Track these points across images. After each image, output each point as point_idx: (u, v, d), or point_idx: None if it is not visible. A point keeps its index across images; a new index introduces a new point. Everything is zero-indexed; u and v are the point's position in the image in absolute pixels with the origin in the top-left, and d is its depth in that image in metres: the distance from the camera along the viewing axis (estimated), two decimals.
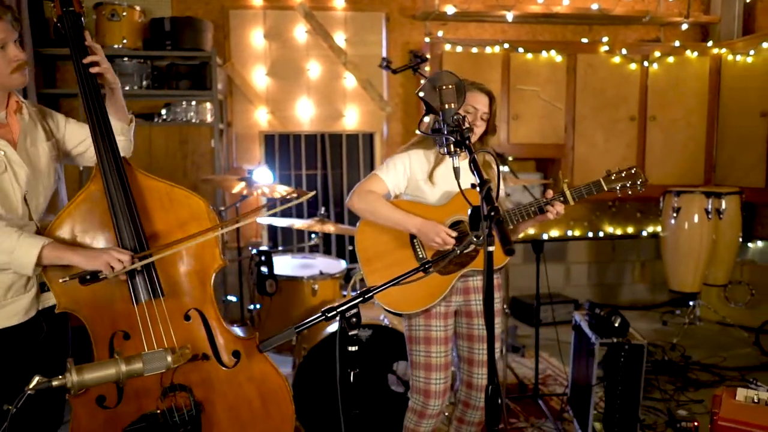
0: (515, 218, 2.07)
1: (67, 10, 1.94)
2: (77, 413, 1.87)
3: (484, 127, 2.19)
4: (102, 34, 4.34)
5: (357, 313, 1.40)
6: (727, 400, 1.67)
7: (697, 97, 5.03)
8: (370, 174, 2.17)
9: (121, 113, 2.06)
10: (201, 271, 1.99)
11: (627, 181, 2.23)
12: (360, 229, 2.15)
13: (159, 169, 4.44)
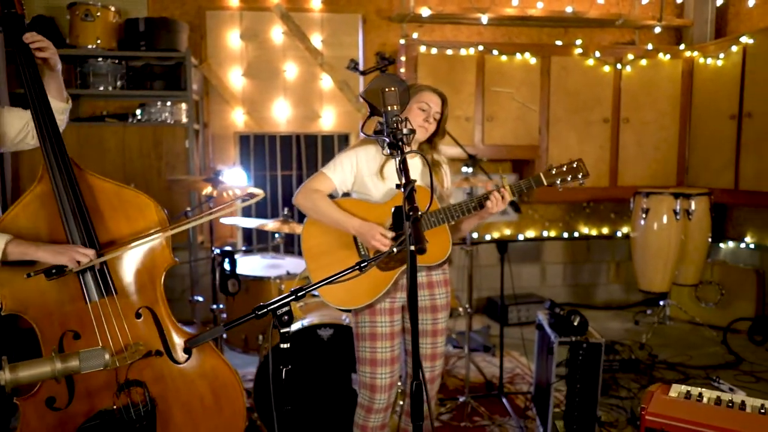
0: (455, 214, 2.10)
1: (9, 12, 1.94)
2: (26, 416, 1.89)
3: (435, 127, 2.21)
4: (76, 34, 4.36)
5: (289, 311, 1.42)
6: (658, 396, 1.71)
7: (670, 100, 5.09)
8: (317, 172, 2.20)
9: (60, 93, 2.08)
10: (151, 269, 2.01)
11: (568, 175, 2.23)
12: (306, 228, 2.17)
13: (133, 170, 4.46)
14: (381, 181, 2.13)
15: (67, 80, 4.56)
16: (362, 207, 2.14)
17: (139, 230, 1.99)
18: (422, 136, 2.19)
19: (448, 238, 2.12)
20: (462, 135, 4.82)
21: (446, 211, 2.08)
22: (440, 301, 2.24)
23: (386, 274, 2.08)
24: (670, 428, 1.56)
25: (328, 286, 2.06)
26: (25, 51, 1.94)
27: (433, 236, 2.09)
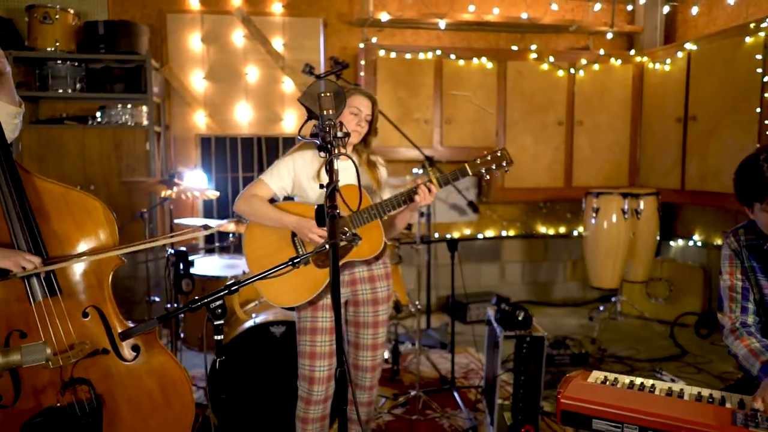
0: (386, 209, 2.18)
1: None
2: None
3: (368, 128, 2.31)
4: (34, 36, 4.36)
5: (222, 304, 1.50)
6: (575, 381, 1.82)
7: (621, 103, 5.28)
8: (256, 179, 2.29)
9: (11, 97, 2.09)
10: (98, 270, 2.07)
11: (492, 164, 2.28)
12: (248, 231, 2.25)
13: (92, 172, 4.48)
14: (318, 184, 2.22)
15: (27, 82, 4.60)
16: (300, 207, 2.22)
17: (87, 232, 2.04)
18: (356, 139, 2.28)
19: (381, 233, 2.21)
20: (421, 137, 4.95)
21: (377, 207, 2.17)
22: (381, 294, 2.33)
23: (324, 272, 2.17)
24: (582, 410, 1.67)
25: (273, 287, 2.16)
26: None
27: (366, 232, 2.18)
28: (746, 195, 1.87)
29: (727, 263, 2.05)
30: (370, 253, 2.20)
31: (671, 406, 1.65)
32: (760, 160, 1.80)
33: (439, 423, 3.19)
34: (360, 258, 2.21)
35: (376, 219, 2.19)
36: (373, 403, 2.46)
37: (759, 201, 1.82)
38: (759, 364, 1.85)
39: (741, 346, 1.94)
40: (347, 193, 2.17)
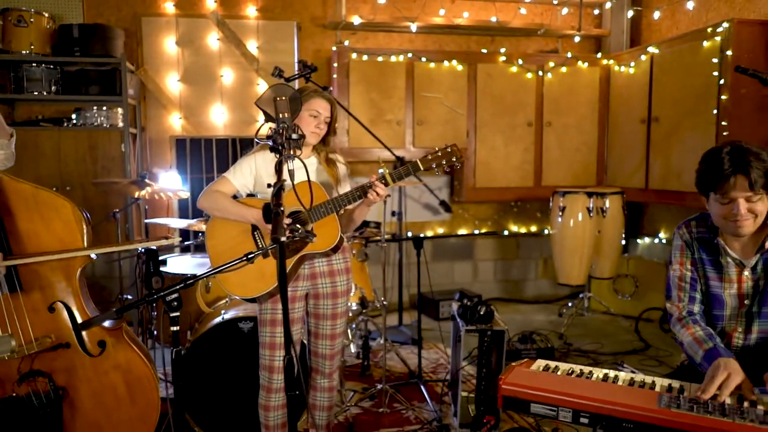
0: (342, 204, 2.27)
1: None
2: None
3: (326, 129, 2.40)
4: (9, 39, 4.41)
5: (178, 297, 1.59)
6: (518, 369, 1.93)
7: (589, 105, 5.42)
8: (220, 176, 2.37)
9: (1, 130, 2.17)
10: (66, 266, 2.15)
11: (443, 160, 2.35)
12: (209, 227, 2.34)
13: (68, 174, 4.53)
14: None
15: (2, 85, 4.64)
16: (261, 203, 2.31)
17: (55, 230, 2.12)
18: (315, 140, 2.38)
19: (337, 227, 2.30)
20: (393, 138, 5.05)
21: (333, 202, 2.26)
22: (340, 288, 2.43)
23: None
24: (521, 395, 1.78)
25: (235, 279, 2.25)
26: None
27: (323, 226, 2.27)
28: (704, 184, 1.97)
29: (678, 253, 2.16)
30: (327, 245, 2.29)
31: (604, 390, 1.76)
32: (722, 152, 1.91)
33: (405, 415, 3.29)
34: (317, 250, 2.30)
35: (332, 213, 2.28)
36: (334, 389, 2.57)
37: (713, 191, 1.94)
38: (702, 352, 1.96)
39: (687, 334, 2.06)
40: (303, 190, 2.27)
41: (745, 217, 1.89)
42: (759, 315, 2.01)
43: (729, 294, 2.06)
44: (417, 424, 3.18)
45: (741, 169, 1.86)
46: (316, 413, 2.61)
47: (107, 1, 4.88)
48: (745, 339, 2.04)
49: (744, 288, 2.03)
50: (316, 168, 2.41)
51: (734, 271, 2.04)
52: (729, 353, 1.92)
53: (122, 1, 4.91)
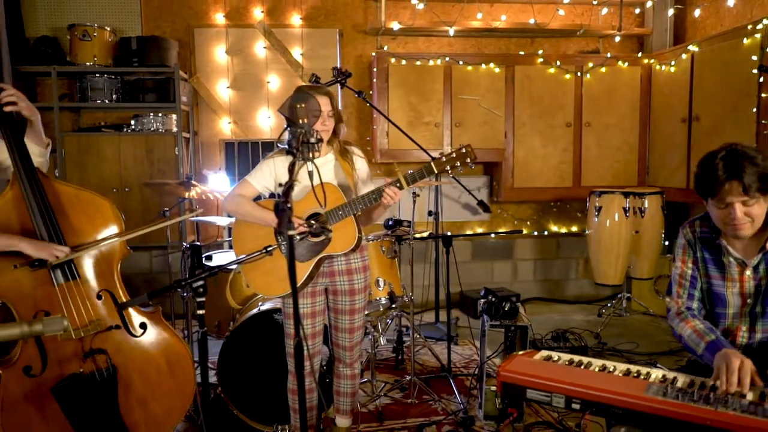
0: (358, 206, 2.42)
1: None
2: (7, 383, 2.26)
3: (333, 120, 2.53)
4: (75, 52, 4.80)
5: (203, 285, 1.80)
6: (519, 358, 2.04)
7: (630, 104, 5.39)
8: (242, 180, 2.57)
9: (39, 139, 2.43)
10: (108, 259, 2.40)
11: (456, 162, 2.43)
12: (235, 229, 2.54)
13: (127, 176, 4.89)
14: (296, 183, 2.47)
15: (69, 94, 5.06)
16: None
17: (97, 225, 2.38)
18: (326, 137, 2.51)
19: (354, 229, 2.45)
20: (432, 140, 5.19)
21: (350, 206, 2.41)
22: (357, 286, 2.58)
23: (303, 264, 2.43)
24: (519, 381, 1.89)
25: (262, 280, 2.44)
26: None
27: (341, 228, 2.43)
28: (702, 190, 2.04)
29: (680, 252, 2.22)
30: (346, 247, 2.44)
31: (598, 379, 1.86)
32: (717, 158, 1.96)
33: (433, 407, 3.43)
34: (335, 252, 2.46)
35: (349, 216, 2.44)
36: (356, 377, 2.73)
37: (711, 196, 2.00)
38: (704, 344, 2.02)
39: (686, 327, 2.12)
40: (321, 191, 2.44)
41: (742, 221, 1.93)
42: (763, 314, 2.05)
43: (732, 293, 2.10)
44: (443, 415, 3.31)
45: (735, 174, 1.89)
46: (341, 399, 2.79)
47: (163, 15, 5.23)
48: (750, 338, 2.08)
49: (746, 287, 2.07)
50: (333, 165, 2.55)
51: (736, 271, 2.08)
52: (730, 345, 1.98)
53: (176, 14, 5.25)
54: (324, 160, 2.53)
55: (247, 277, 2.55)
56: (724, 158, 1.94)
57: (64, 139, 4.82)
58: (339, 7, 5.43)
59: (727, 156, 1.94)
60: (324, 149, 2.56)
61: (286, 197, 1.69)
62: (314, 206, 2.40)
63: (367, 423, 3.24)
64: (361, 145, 5.51)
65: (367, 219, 2.61)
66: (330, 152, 2.58)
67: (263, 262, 2.40)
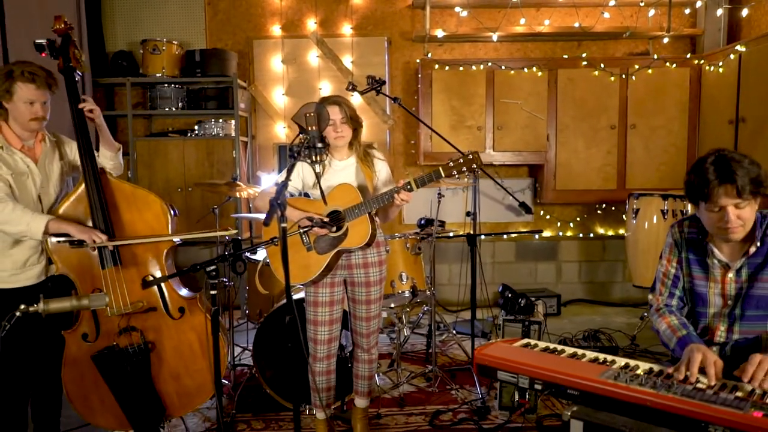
0: (372, 206, 2.64)
1: (67, 66, 2.73)
2: (69, 345, 2.71)
3: (350, 127, 2.75)
4: (146, 65, 5.32)
5: (216, 268, 2.09)
6: (499, 344, 2.20)
7: (678, 106, 5.33)
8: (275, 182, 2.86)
9: (110, 144, 2.84)
10: (155, 249, 2.77)
11: (463, 166, 2.60)
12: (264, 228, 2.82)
13: (190, 176, 5.35)
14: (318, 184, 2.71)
15: (142, 102, 5.60)
16: (306, 203, 2.77)
17: (147, 221, 2.74)
18: (342, 143, 2.75)
19: (368, 226, 2.68)
20: (474, 143, 5.35)
21: (365, 205, 2.65)
22: (373, 278, 2.81)
23: (321, 257, 2.70)
24: (491, 363, 2.05)
25: None
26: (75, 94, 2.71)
27: (356, 225, 2.67)
28: (693, 195, 2.11)
29: (667, 250, 2.31)
30: (360, 242, 2.68)
31: (563, 364, 2.01)
32: (707, 162, 2.05)
33: (453, 396, 3.61)
34: (351, 246, 2.71)
35: (364, 214, 2.67)
36: (373, 362, 2.97)
37: (703, 201, 2.08)
38: (676, 339, 2.13)
39: (663, 322, 2.22)
40: (341, 191, 2.71)
41: (735, 224, 2.00)
42: (741, 317, 2.11)
43: (714, 293, 2.17)
44: (461, 404, 3.48)
45: (727, 178, 1.96)
46: (359, 381, 3.03)
47: (225, 28, 5.68)
48: (727, 338, 2.15)
49: (728, 289, 2.13)
50: (354, 168, 2.80)
51: (719, 273, 2.15)
52: (701, 341, 2.07)
53: (237, 27, 5.69)
54: (345, 163, 2.80)
55: (273, 266, 2.84)
56: (715, 163, 2.00)
57: (136, 143, 5.35)
58: (387, 16, 5.70)
59: (717, 161, 2.00)
60: (345, 153, 2.82)
61: (279, 195, 1.95)
62: (334, 204, 2.66)
63: (388, 407, 3.47)
64: (406, 148, 5.79)
65: (384, 216, 2.84)
66: (352, 156, 2.82)
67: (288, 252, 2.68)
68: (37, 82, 2.54)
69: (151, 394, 2.77)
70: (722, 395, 1.72)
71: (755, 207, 2.05)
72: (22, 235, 2.55)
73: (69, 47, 2.73)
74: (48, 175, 2.74)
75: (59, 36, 2.73)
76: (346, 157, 2.81)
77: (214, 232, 2.73)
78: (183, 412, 2.92)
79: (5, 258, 2.59)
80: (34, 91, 2.54)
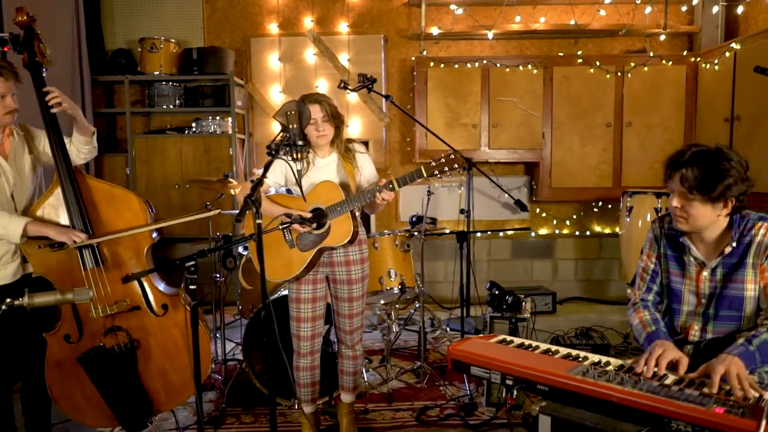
0: (354, 204, 2.65)
1: (33, 61, 2.65)
2: (51, 346, 2.73)
3: (332, 125, 2.74)
4: (144, 63, 5.37)
5: (195, 264, 2.12)
6: (474, 340, 2.21)
7: (675, 103, 5.32)
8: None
9: (84, 130, 2.81)
10: (135, 247, 2.78)
11: (445, 167, 2.61)
12: (247, 220, 2.84)
13: (188, 173, 5.39)
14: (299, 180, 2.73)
15: (141, 100, 5.64)
16: (288, 199, 2.80)
17: (126, 218, 2.75)
18: (324, 141, 2.75)
19: (350, 224, 2.69)
20: (469, 140, 5.37)
21: (347, 203, 2.66)
22: (355, 276, 2.82)
23: (303, 254, 2.72)
24: (465, 359, 2.06)
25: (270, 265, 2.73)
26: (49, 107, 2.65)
27: (339, 224, 2.69)
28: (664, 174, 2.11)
29: (647, 246, 2.32)
30: (341, 240, 2.69)
31: (535, 360, 2.02)
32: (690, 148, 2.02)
33: (442, 392, 3.63)
34: (333, 244, 2.72)
35: (346, 212, 2.69)
36: (357, 358, 2.99)
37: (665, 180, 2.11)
38: (645, 334, 2.14)
39: (636, 317, 2.24)
40: (323, 188, 2.73)
41: (677, 211, 2.03)
42: (715, 317, 2.11)
43: (688, 291, 2.18)
44: (449, 400, 3.51)
45: (683, 166, 2.00)
46: (344, 377, 3.06)
47: (222, 27, 5.72)
48: (701, 336, 2.16)
49: (701, 287, 2.14)
50: (336, 165, 2.82)
51: (694, 270, 2.15)
52: (668, 337, 2.08)
53: (235, 25, 5.72)
54: (327, 160, 2.81)
55: (255, 262, 2.87)
56: (693, 150, 2.01)
57: (134, 140, 5.40)
58: (384, 14, 5.71)
59: (697, 150, 2.01)
60: (327, 150, 2.83)
61: (253, 191, 1.98)
62: (317, 202, 2.68)
63: (377, 403, 3.50)
64: (402, 146, 5.81)
65: (371, 209, 2.83)
66: (333, 153, 2.83)
67: (270, 249, 2.72)
68: (5, 75, 2.50)
69: (139, 391, 2.80)
70: (687, 391, 1.73)
71: (711, 210, 2.01)
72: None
73: (33, 41, 2.64)
74: (20, 171, 2.70)
75: (22, 29, 2.63)
76: (328, 154, 2.82)
77: (194, 215, 2.73)
78: (170, 407, 2.95)
79: None
80: (3, 83, 2.51)
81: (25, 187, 2.74)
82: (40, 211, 2.72)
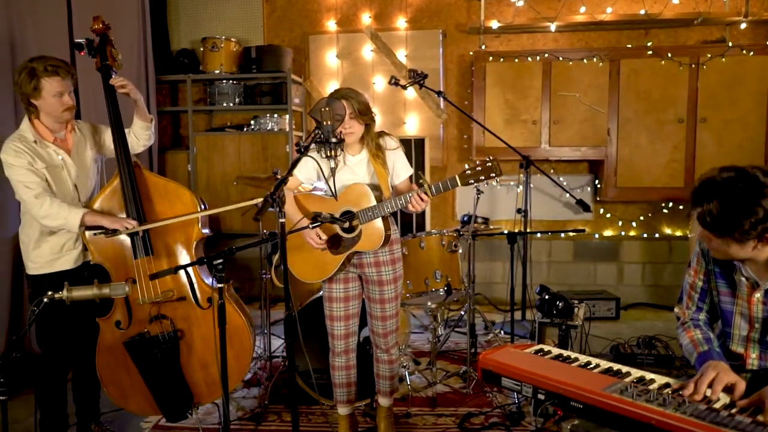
0: (385, 210, 2.56)
1: (104, 64, 2.84)
2: (103, 331, 2.84)
3: (360, 122, 2.64)
4: (205, 62, 5.49)
5: (222, 263, 2.11)
6: (507, 349, 2.08)
7: (756, 97, 4.91)
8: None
9: (144, 116, 2.94)
10: (185, 240, 2.85)
11: (481, 175, 2.50)
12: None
13: (245, 170, 5.48)
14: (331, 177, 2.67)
15: (203, 99, 5.78)
16: (317, 200, 2.75)
17: (177, 211, 2.84)
18: (352, 139, 2.66)
19: (381, 231, 2.59)
20: (529, 137, 5.17)
21: (379, 208, 2.57)
22: (385, 277, 2.74)
23: (337, 257, 2.67)
24: (496, 369, 1.95)
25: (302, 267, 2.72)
26: (112, 92, 2.83)
27: (369, 228, 2.61)
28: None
29: (695, 260, 2.09)
30: (371, 247, 2.62)
31: (571, 374, 1.88)
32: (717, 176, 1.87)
33: (488, 399, 3.50)
34: (364, 249, 2.66)
35: (378, 217, 2.61)
36: (393, 362, 2.90)
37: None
38: (696, 354, 1.95)
39: (686, 337, 2.04)
40: (354, 191, 2.66)
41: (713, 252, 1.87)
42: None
43: (739, 313, 1.97)
44: (495, 407, 3.37)
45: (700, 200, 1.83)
46: (380, 381, 2.99)
47: (282, 25, 5.77)
48: (759, 365, 1.94)
49: (754, 311, 1.92)
50: (366, 164, 2.72)
51: (746, 291, 1.94)
52: (722, 358, 1.88)
53: (294, 23, 5.76)
54: (358, 158, 2.74)
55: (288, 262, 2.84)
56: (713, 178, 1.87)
57: (196, 138, 5.54)
58: (442, 8, 5.59)
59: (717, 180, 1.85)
60: (357, 148, 2.74)
61: (276, 189, 1.94)
62: (347, 204, 2.63)
63: (420, 407, 3.41)
64: (460, 142, 5.67)
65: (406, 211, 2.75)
66: (364, 150, 2.75)
67: (302, 250, 2.69)
68: (61, 74, 2.64)
69: (180, 381, 2.85)
70: (738, 418, 1.55)
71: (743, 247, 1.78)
72: (60, 228, 2.70)
73: (106, 46, 2.85)
74: (82, 164, 2.85)
75: (97, 35, 2.86)
76: (358, 152, 2.75)
77: (239, 203, 2.77)
78: (210, 400, 3.00)
79: (44, 244, 2.74)
80: (60, 82, 2.64)
81: (87, 180, 2.88)
82: (98, 203, 2.85)
